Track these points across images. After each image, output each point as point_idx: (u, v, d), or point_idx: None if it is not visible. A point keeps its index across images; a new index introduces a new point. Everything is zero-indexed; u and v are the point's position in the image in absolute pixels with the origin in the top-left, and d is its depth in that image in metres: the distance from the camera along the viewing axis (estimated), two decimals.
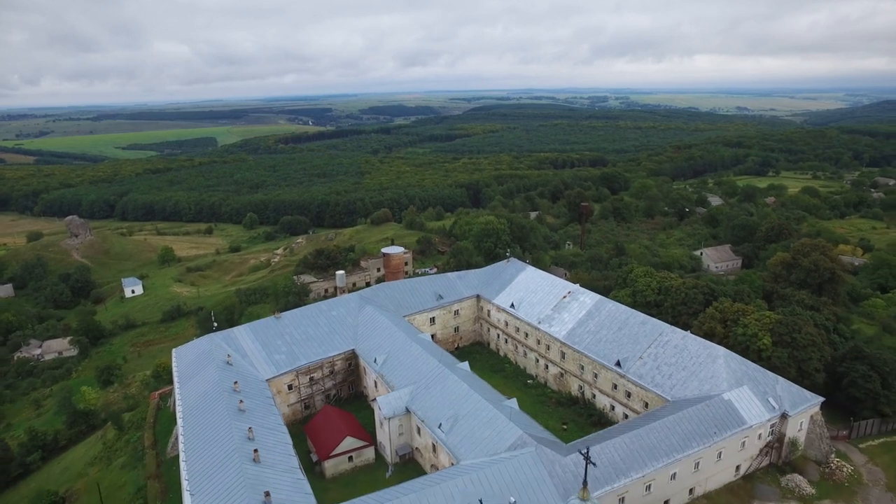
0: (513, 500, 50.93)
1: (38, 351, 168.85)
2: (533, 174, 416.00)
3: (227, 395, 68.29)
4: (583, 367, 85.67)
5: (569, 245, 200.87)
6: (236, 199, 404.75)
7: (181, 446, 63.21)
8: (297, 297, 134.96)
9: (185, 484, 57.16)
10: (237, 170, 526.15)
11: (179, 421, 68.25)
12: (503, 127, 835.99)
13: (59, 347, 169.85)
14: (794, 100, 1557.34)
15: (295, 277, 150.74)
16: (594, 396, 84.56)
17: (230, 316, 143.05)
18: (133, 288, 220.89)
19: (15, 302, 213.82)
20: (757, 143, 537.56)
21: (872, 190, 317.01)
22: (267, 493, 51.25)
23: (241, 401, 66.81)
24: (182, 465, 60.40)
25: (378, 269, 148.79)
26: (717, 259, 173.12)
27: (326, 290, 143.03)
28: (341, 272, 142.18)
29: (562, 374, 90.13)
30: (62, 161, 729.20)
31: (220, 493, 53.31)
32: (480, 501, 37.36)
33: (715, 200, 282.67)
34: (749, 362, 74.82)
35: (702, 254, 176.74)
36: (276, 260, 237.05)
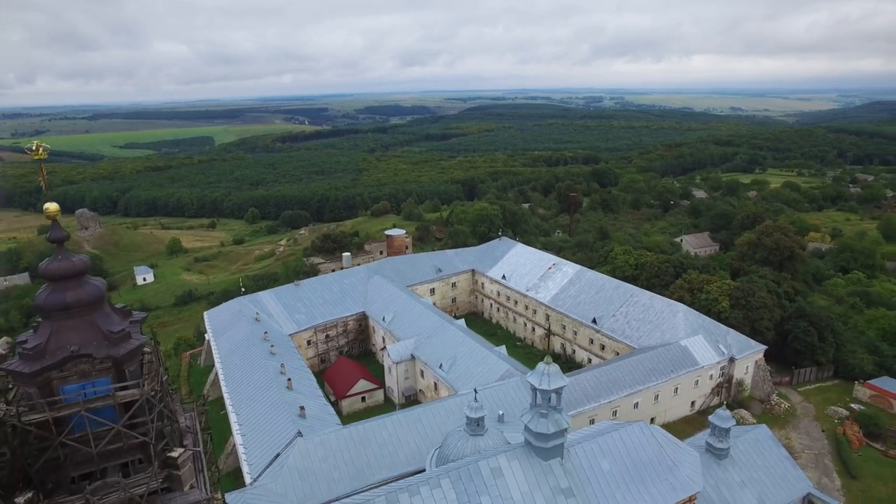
0: (501, 412, 63.03)
1: None
2: (526, 171, 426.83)
3: (259, 341, 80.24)
4: (564, 327, 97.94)
5: (558, 233, 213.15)
6: (237, 195, 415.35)
7: (222, 381, 74.98)
8: (306, 277, 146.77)
9: (229, 407, 68.92)
10: (236, 168, 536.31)
11: (218, 363, 79.99)
12: (498, 126, 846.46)
13: None
14: (788, 100, 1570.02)
15: (305, 259, 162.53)
16: (574, 352, 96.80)
17: None
18: (144, 276, 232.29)
19: (32, 289, 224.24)
20: (746, 141, 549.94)
21: (851, 185, 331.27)
22: (302, 408, 63.17)
23: (272, 346, 78.68)
24: (225, 395, 72.17)
25: (381, 252, 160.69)
26: (695, 245, 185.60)
27: (333, 271, 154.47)
28: (347, 254, 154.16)
29: (546, 335, 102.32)
30: (60, 160, 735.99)
31: (263, 410, 65.15)
32: (475, 390, 49.03)
33: (700, 194, 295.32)
34: (705, 316, 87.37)
35: (682, 240, 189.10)
36: (280, 250, 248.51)
